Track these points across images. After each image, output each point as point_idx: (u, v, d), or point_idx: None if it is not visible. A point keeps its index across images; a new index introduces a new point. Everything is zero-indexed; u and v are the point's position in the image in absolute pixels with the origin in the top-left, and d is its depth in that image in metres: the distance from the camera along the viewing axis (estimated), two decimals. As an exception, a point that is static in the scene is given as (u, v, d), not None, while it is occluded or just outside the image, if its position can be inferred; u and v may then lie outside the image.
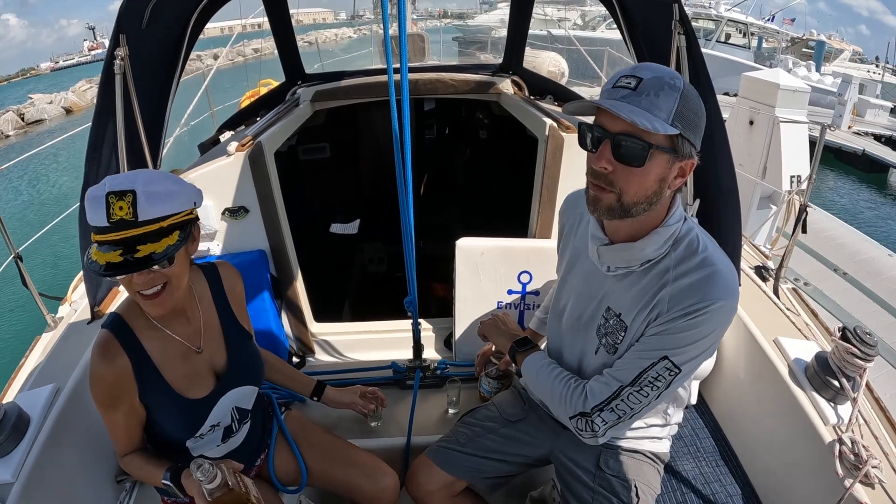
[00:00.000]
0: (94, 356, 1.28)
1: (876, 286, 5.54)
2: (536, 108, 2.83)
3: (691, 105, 1.13)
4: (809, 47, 23.17)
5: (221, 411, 1.46)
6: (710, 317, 1.20)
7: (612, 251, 1.33)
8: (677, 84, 1.11)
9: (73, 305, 2.45)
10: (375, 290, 4.09)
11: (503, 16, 21.97)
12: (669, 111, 1.10)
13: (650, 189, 1.18)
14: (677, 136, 1.12)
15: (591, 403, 1.35)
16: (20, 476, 1.50)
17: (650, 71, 1.13)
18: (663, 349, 1.25)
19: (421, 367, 2.30)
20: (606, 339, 1.39)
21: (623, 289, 1.35)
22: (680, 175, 1.19)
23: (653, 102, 1.10)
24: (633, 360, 1.30)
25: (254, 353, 1.61)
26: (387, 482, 1.73)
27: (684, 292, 1.22)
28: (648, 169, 1.15)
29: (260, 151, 2.40)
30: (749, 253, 2.90)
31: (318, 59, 9.88)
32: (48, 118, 24.61)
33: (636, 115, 1.08)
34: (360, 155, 4.60)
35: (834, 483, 1.51)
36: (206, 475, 1.21)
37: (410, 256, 1.99)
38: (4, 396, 1.98)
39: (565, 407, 1.41)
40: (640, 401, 1.31)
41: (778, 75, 5.51)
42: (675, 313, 1.22)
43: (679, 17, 2.00)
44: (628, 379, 1.30)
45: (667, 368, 1.25)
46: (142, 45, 2.04)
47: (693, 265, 1.23)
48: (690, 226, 1.30)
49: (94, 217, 1.16)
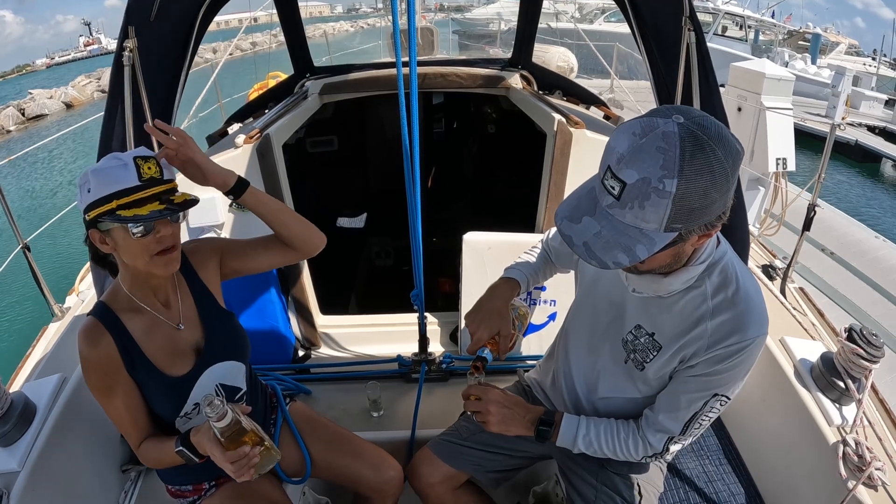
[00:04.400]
0: (80, 343, 1.32)
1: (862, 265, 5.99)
2: (545, 102, 2.82)
3: (694, 198, 0.93)
4: (805, 40, 23.12)
5: (204, 388, 1.47)
6: (751, 353, 1.19)
7: (640, 279, 1.26)
8: (668, 188, 0.91)
9: (81, 296, 2.47)
10: (382, 284, 4.10)
11: (500, 9, 21.87)
12: (661, 220, 0.95)
13: (665, 263, 1.13)
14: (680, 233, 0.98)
15: (658, 448, 1.36)
16: (26, 465, 1.52)
17: (636, 169, 0.93)
18: (712, 389, 1.25)
19: (426, 360, 2.31)
20: (635, 356, 1.36)
21: (655, 310, 1.30)
22: (704, 237, 1.05)
23: (638, 216, 0.96)
24: (684, 403, 1.29)
25: (235, 328, 1.59)
26: (391, 474, 1.74)
27: (723, 329, 1.19)
28: (655, 259, 1.06)
29: (268, 144, 2.40)
30: (756, 252, 2.89)
31: (326, 52, 9.87)
32: (49, 113, 24.56)
33: (615, 253, 0.99)
34: (368, 148, 4.60)
35: (837, 484, 1.51)
36: (215, 411, 1.21)
37: (417, 250, 1.99)
38: (11, 386, 2.00)
39: (634, 457, 1.41)
40: (698, 430, 1.33)
41: (764, 65, 5.78)
42: (716, 352, 1.21)
43: (689, 13, 1.99)
44: (685, 419, 1.30)
45: (718, 401, 1.26)
46: (151, 38, 2.04)
47: (730, 296, 1.19)
48: (724, 249, 1.24)
49: (121, 179, 1.23)
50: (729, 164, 0.93)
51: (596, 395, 1.50)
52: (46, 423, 1.63)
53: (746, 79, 5.66)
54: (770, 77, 5.46)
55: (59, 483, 1.59)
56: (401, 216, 1.98)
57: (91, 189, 1.22)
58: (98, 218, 1.23)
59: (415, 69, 1.71)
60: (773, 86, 5.46)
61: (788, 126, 5.41)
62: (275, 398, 1.82)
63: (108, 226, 1.25)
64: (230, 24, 26.59)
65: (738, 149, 0.95)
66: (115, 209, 1.21)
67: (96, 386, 1.34)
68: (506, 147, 4.24)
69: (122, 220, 1.22)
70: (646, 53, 2.39)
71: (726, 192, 0.96)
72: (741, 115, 5.73)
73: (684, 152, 0.90)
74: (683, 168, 0.90)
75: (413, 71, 1.71)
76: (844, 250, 6.24)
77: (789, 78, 5.67)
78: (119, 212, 1.21)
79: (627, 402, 1.44)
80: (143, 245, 1.27)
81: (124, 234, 1.25)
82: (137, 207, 1.22)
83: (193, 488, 1.58)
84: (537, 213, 2.68)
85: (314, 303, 2.86)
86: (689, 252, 1.14)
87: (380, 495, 1.75)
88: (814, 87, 15.67)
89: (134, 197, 1.23)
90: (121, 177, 1.23)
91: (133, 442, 1.43)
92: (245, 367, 1.60)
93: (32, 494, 1.49)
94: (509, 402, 1.48)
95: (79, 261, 6.73)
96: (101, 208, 1.22)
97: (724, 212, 1.00)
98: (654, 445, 1.36)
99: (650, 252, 0.98)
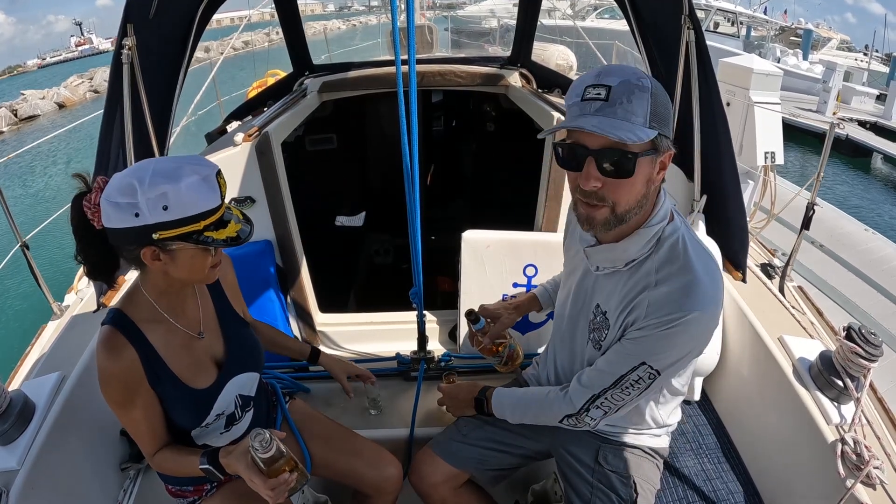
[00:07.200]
0: (100, 354, 1.26)
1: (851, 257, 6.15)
2: (544, 101, 2.82)
3: (661, 100, 1.13)
4: (797, 36, 23.23)
5: (226, 400, 1.47)
6: (686, 328, 1.21)
7: (597, 252, 1.37)
8: (645, 84, 1.11)
9: (80, 294, 2.47)
10: (381, 282, 4.10)
11: (493, 6, 21.84)
12: (645, 114, 1.11)
13: (640, 193, 1.21)
14: (657, 135, 1.13)
15: (576, 405, 1.41)
16: (25, 463, 1.51)
17: (615, 75, 1.12)
18: (641, 355, 1.28)
19: (425, 358, 2.31)
20: (594, 335, 1.43)
21: (611, 287, 1.38)
22: (661, 169, 1.21)
23: (628, 109, 1.10)
24: (613, 363, 1.34)
25: (252, 339, 1.61)
26: (390, 471, 1.74)
27: (661, 301, 1.23)
28: (637, 176, 1.17)
29: (267, 142, 2.40)
30: (755, 250, 2.89)
31: (325, 50, 9.86)
32: (41, 114, 24.42)
33: (621, 131, 1.08)
34: (367, 146, 4.60)
35: (835, 483, 1.51)
36: (263, 445, 1.22)
37: (416, 248, 1.99)
38: (10, 384, 2.00)
39: (555, 416, 1.49)
40: (622, 398, 1.36)
41: (752, 60, 5.86)
42: (651, 321, 1.24)
43: (689, 11, 1.99)
44: (608, 382, 1.34)
45: (647, 372, 1.29)
46: (150, 36, 2.04)
47: (674, 271, 1.24)
48: (676, 225, 1.30)
49: (207, 198, 1.16)
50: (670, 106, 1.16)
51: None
52: (45, 421, 1.62)
53: (735, 74, 5.76)
54: (758, 72, 5.55)
55: (58, 481, 1.59)
56: (400, 214, 1.98)
57: (170, 206, 1.12)
58: (173, 239, 1.16)
59: (414, 67, 1.70)
60: (761, 81, 5.54)
61: (777, 120, 5.51)
62: (274, 396, 1.83)
63: (178, 244, 1.18)
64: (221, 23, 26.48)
65: None
66: (202, 230, 1.16)
67: (115, 398, 1.30)
68: (505, 145, 4.24)
69: (209, 243, 1.17)
70: (645, 52, 2.39)
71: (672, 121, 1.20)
72: (730, 109, 5.79)
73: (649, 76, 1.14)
74: (652, 83, 1.12)
75: (412, 69, 1.71)
76: (834, 243, 6.39)
77: (777, 73, 5.77)
78: (207, 233, 1.17)
79: None
80: (210, 261, 1.26)
81: (194, 252, 1.21)
82: (223, 228, 1.19)
83: (194, 489, 1.58)
84: (536, 211, 2.68)
85: (313, 301, 2.86)
86: (654, 189, 1.24)
87: (379, 493, 1.75)
88: (806, 83, 15.85)
89: (217, 216, 1.19)
90: (205, 196, 1.16)
91: (148, 450, 1.41)
92: (259, 375, 1.62)
93: (32, 493, 1.48)
94: (459, 393, 1.82)
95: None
96: (183, 228, 1.15)
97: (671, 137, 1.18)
98: (575, 402, 1.41)
99: (642, 138, 1.10)
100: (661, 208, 1.28)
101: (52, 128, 21.20)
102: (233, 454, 1.30)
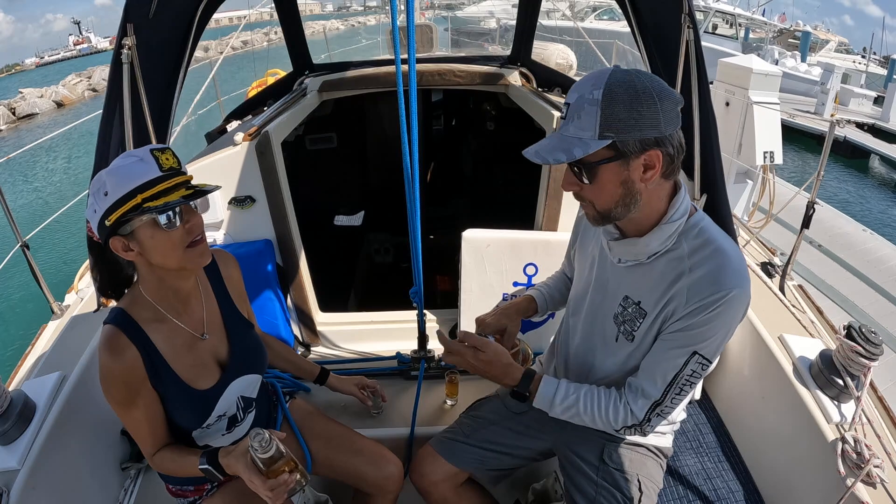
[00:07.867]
0: (102, 354, 1.27)
1: (849, 257, 6.24)
2: (544, 100, 2.82)
3: (619, 107, 1.12)
4: (795, 38, 23.33)
5: (228, 401, 1.47)
6: (728, 306, 1.22)
7: (620, 245, 1.37)
8: (595, 96, 1.13)
9: (80, 293, 2.47)
10: (381, 281, 4.10)
11: (492, 7, 21.82)
12: (594, 127, 1.14)
13: (617, 194, 1.23)
14: (614, 142, 1.15)
15: (639, 417, 1.37)
16: (26, 463, 1.52)
17: (575, 91, 1.18)
18: (690, 345, 1.27)
19: (425, 357, 2.31)
20: (625, 327, 1.42)
21: (638, 278, 1.38)
22: (648, 168, 1.20)
23: (578, 126, 1.16)
24: (663, 362, 1.32)
25: (256, 341, 1.61)
26: (391, 470, 1.74)
27: (700, 284, 1.24)
28: (603, 181, 1.21)
29: (267, 141, 2.40)
30: (755, 249, 2.89)
31: (325, 50, 9.85)
32: (40, 112, 24.42)
33: (557, 152, 1.17)
34: (368, 145, 4.60)
35: (836, 481, 1.51)
36: (262, 445, 1.22)
37: (416, 247, 1.99)
38: (11, 384, 2.00)
39: (613, 425, 1.41)
40: (682, 399, 1.35)
41: (751, 60, 5.89)
42: (693, 306, 1.25)
43: (688, 10, 1.99)
44: (666, 384, 1.32)
45: (698, 363, 1.28)
46: (149, 35, 2.03)
47: (707, 254, 1.26)
48: (699, 217, 1.32)
49: (141, 173, 1.19)
50: (654, 86, 1.13)
51: (594, 378, 1.53)
52: (46, 421, 1.62)
53: (734, 74, 5.81)
54: (757, 72, 5.60)
55: (58, 481, 1.59)
56: (400, 213, 1.98)
57: (109, 191, 1.17)
58: (121, 219, 1.18)
59: (413, 66, 1.70)
60: (760, 81, 5.60)
61: (775, 120, 5.56)
62: (275, 396, 1.83)
63: (133, 226, 1.20)
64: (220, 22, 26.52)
65: (665, 85, 1.15)
66: (141, 203, 1.18)
67: (117, 398, 1.30)
68: (505, 144, 4.24)
69: (151, 212, 1.18)
70: (645, 51, 2.39)
71: (656, 113, 1.12)
72: (729, 109, 5.85)
73: (612, 74, 1.14)
74: (609, 81, 1.12)
75: (412, 68, 1.71)
76: (833, 243, 6.45)
77: (776, 73, 5.81)
78: (146, 204, 1.18)
79: (624, 379, 1.44)
80: (174, 238, 1.24)
81: (152, 230, 1.21)
82: (165, 197, 1.19)
83: (195, 488, 1.58)
84: (536, 210, 2.68)
85: (313, 300, 2.86)
86: (639, 187, 1.22)
87: (380, 491, 1.75)
88: (804, 85, 15.88)
89: (159, 188, 1.20)
90: (140, 171, 1.19)
91: (148, 450, 1.41)
92: (262, 377, 1.62)
93: (32, 492, 1.49)
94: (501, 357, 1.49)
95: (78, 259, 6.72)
96: (124, 207, 1.17)
97: (664, 139, 1.16)
98: (636, 413, 1.37)
99: (585, 152, 1.15)
100: (682, 205, 1.29)
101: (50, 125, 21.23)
102: (232, 454, 1.30)
